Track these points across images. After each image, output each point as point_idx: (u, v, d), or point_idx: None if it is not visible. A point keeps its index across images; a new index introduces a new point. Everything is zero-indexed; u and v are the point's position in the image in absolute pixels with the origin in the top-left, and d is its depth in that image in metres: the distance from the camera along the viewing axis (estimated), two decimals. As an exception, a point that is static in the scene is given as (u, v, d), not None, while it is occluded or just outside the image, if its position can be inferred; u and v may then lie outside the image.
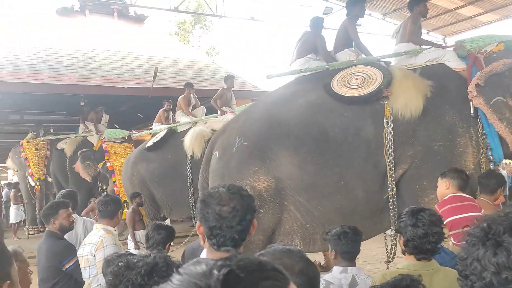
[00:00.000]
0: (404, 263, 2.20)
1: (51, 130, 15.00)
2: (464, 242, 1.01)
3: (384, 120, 3.66)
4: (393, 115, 3.65)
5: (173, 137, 8.06)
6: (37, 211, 13.16)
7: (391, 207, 3.65)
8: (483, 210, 2.94)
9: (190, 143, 7.36)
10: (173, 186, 7.63)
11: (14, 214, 12.07)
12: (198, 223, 1.60)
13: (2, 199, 12.64)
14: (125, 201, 9.18)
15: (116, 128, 11.44)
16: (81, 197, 10.63)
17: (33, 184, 12.08)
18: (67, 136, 11.83)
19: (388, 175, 3.59)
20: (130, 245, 6.56)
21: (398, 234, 2.26)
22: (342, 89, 3.93)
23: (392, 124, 3.63)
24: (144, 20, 13.91)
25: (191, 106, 8.55)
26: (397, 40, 4.58)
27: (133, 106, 13.38)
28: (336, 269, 2.51)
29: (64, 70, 10.45)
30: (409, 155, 3.63)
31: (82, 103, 11.40)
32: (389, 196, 3.63)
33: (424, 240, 2.07)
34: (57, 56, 10.89)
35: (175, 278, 0.62)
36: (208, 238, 1.56)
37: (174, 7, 11.73)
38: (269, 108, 4.26)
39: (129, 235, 6.97)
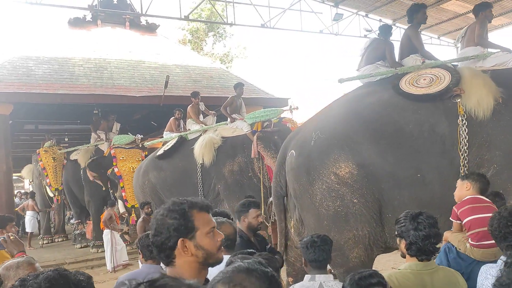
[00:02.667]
0: (406, 264, 2.30)
1: (66, 139, 15.22)
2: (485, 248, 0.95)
3: (459, 118, 3.69)
4: (466, 113, 3.69)
5: (184, 145, 8.09)
6: (52, 220, 13.32)
7: None
8: None
9: (200, 151, 7.39)
10: (184, 194, 7.62)
11: (31, 223, 12.15)
12: None
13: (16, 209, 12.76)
14: (132, 206, 9.26)
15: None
16: (96, 207, 10.78)
17: (51, 194, 12.20)
18: (79, 147, 11.96)
19: (461, 171, 3.59)
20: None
21: (398, 239, 2.37)
22: (411, 88, 4.04)
23: (466, 122, 3.66)
24: (155, 29, 14.03)
25: (201, 115, 8.55)
26: (462, 45, 4.65)
27: (146, 114, 13.49)
28: (306, 278, 2.59)
29: (76, 80, 10.58)
30: (485, 159, 3.61)
31: (95, 112, 11.53)
32: None
33: (426, 242, 2.21)
34: (69, 66, 11.03)
35: None
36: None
37: (184, 16, 11.81)
38: (343, 106, 4.41)
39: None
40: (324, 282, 2.49)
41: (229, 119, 7.71)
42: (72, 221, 14.39)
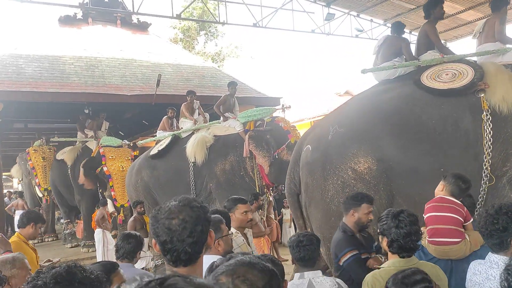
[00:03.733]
0: (389, 262, 2.37)
1: (56, 138, 15.08)
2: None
3: (483, 113, 3.64)
4: (490, 108, 3.65)
5: (177, 144, 8.08)
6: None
7: (479, 199, 3.59)
8: None
9: (191, 150, 7.39)
10: (176, 193, 7.61)
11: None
12: (153, 241, 1.57)
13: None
14: (121, 206, 9.24)
15: (121, 135, 11.49)
16: (87, 205, 10.69)
17: (40, 194, 12.09)
18: (71, 139, 11.87)
19: (484, 167, 3.55)
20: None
21: (380, 236, 2.42)
22: (434, 83, 3.99)
23: (490, 117, 3.62)
24: (147, 27, 13.96)
25: (195, 113, 8.54)
26: (480, 40, 4.58)
27: (138, 113, 13.41)
28: (295, 276, 2.63)
29: (67, 78, 10.49)
30: (510, 153, 3.57)
31: (86, 111, 11.45)
32: (481, 189, 3.57)
33: (407, 239, 2.27)
34: (59, 64, 10.93)
35: None
36: (163, 255, 1.53)
37: (176, 15, 11.77)
38: (361, 102, 4.35)
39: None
40: (313, 279, 2.54)
41: (221, 118, 7.71)
42: (62, 220, 14.27)
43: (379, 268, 2.44)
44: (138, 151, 11.61)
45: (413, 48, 4.86)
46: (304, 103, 26.96)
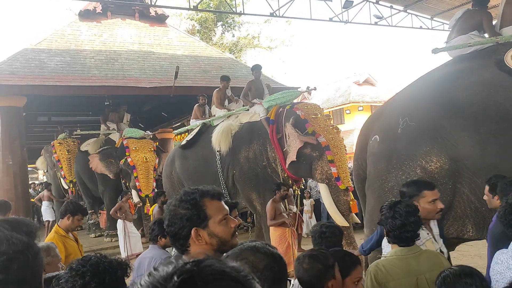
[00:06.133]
0: (392, 251, 2.39)
1: (78, 130, 15.40)
2: None
3: None
4: None
5: (207, 132, 7.93)
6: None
7: None
8: None
9: (216, 138, 7.31)
10: (204, 183, 7.64)
11: (48, 212, 12.14)
12: None
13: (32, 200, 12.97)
14: (146, 196, 9.38)
15: (141, 127, 11.66)
16: (110, 196, 10.92)
17: (66, 187, 12.39)
18: (93, 132, 12.11)
19: None
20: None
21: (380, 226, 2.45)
22: None
23: None
24: (165, 20, 14.04)
25: (226, 100, 8.36)
26: None
27: (157, 105, 13.57)
28: None
29: (87, 72, 10.67)
30: None
31: (106, 103, 11.65)
32: None
33: (402, 230, 2.28)
34: (80, 58, 11.12)
35: (143, 279, 0.64)
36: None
37: (193, 6, 11.80)
38: (436, 87, 3.94)
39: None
40: None
41: (247, 105, 7.52)
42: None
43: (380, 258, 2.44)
44: (158, 143, 11.79)
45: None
46: (324, 92, 26.82)
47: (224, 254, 1.39)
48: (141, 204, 9.47)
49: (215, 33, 24.82)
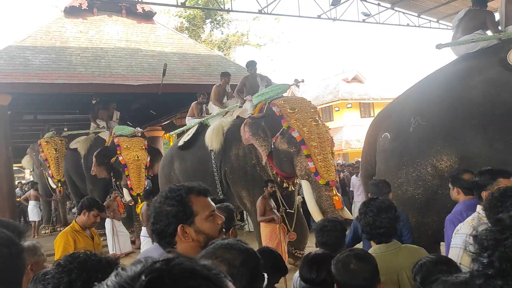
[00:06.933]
0: (371, 249, 2.36)
1: (65, 129, 15.21)
2: None
3: None
4: None
5: (203, 132, 7.79)
6: (53, 211, 13.35)
7: None
8: None
9: (209, 137, 7.24)
10: (205, 183, 7.54)
11: (34, 212, 12.02)
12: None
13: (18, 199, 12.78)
14: (138, 194, 9.28)
15: (129, 125, 11.54)
16: (99, 194, 10.78)
17: (53, 186, 12.23)
18: (82, 131, 11.96)
19: None
20: (145, 241, 6.58)
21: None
22: None
23: None
24: (152, 16, 13.91)
25: (226, 97, 8.27)
26: None
27: (145, 103, 13.45)
28: None
29: (74, 69, 10.53)
30: None
31: (93, 101, 11.51)
32: None
33: (373, 226, 2.28)
34: (66, 55, 10.96)
35: (109, 280, 0.61)
36: None
37: (181, 3, 11.70)
38: (445, 86, 4.07)
39: (141, 232, 7.02)
40: None
41: (240, 102, 7.43)
42: (74, 210, 14.45)
43: None
44: (147, 141, 11.68)
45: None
46: (313, 89, 26.87)
47: (199, 254, 1.36)
48: (132, 202, 9.35)
49: (204, 31, 24.69)
